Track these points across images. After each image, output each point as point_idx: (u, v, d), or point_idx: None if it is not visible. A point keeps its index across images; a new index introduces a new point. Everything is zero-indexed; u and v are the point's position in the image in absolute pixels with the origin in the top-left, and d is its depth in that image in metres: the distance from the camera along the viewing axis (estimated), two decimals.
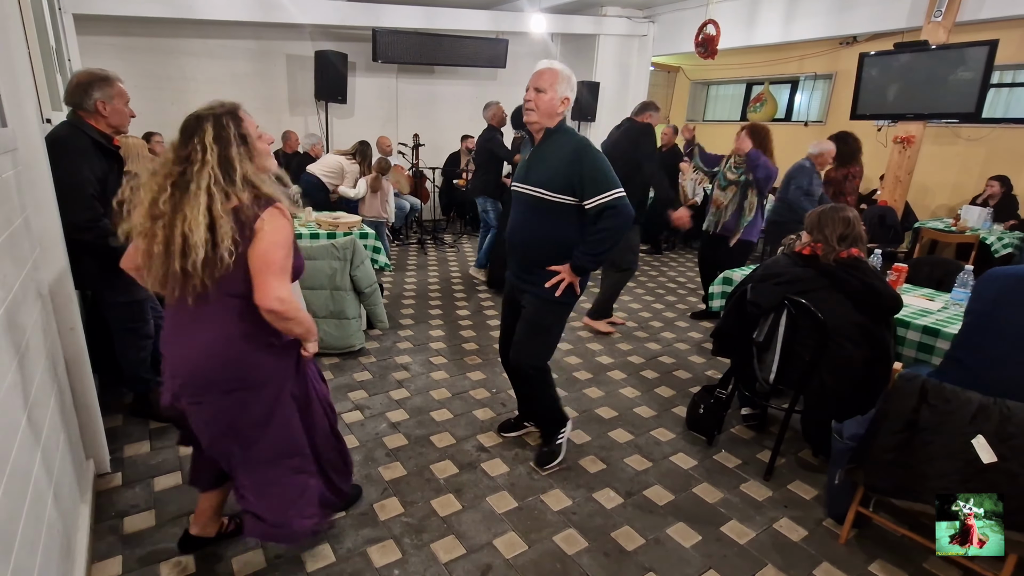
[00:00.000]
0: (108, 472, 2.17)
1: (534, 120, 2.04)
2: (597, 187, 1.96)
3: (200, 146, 1.34)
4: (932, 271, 3.05)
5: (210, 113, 1.38)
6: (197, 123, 1.37)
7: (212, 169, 1.33)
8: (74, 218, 1.96)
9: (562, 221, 2.06)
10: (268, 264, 1.36)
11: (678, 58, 8.70)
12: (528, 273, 2.15)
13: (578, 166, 1.97)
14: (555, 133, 2.07)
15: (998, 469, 1.52)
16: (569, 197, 2.01)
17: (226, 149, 1.36)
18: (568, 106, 2.06)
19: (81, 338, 2.00)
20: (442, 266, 5.58)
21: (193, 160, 1.34)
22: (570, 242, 2.07)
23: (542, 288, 2.11)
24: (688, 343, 3.83)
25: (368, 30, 6.49)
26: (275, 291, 1.36)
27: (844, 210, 2.23)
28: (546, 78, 2.00)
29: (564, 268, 2.08)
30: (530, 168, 2.10)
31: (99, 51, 5.78)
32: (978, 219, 5.01)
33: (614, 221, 1.97)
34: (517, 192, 2.16)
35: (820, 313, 2.07)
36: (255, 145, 1.44)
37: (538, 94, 2.00)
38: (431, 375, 3.18)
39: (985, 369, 1.71)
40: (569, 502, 2.16)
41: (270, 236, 1.36)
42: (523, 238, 2.14)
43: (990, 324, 1.74)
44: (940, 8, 4.76)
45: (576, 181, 1.98)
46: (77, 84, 2.06)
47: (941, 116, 4.99)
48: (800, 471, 2.40)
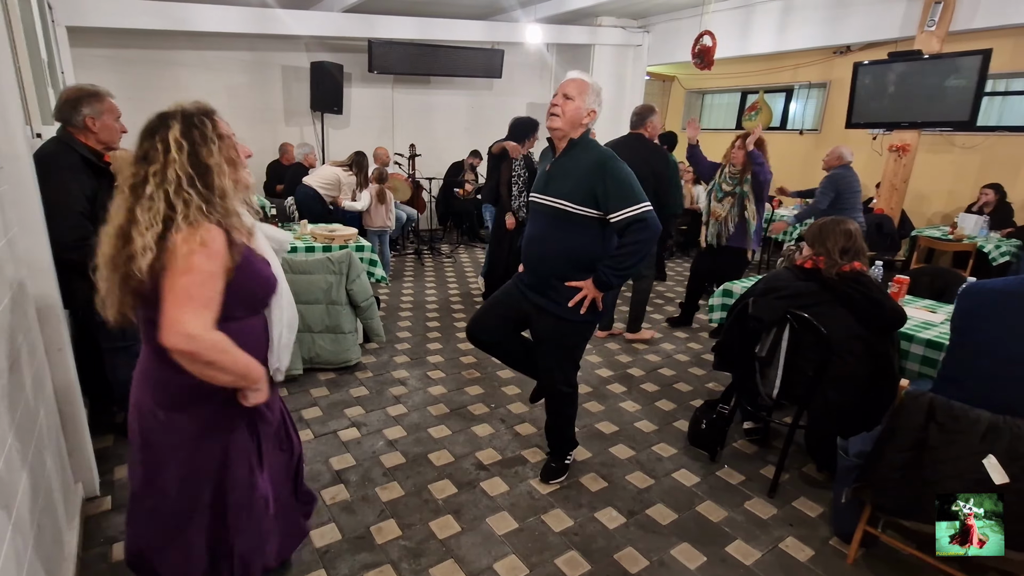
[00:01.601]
0: (97, 496, 2.12)
1: (558, 127, 1.99)
2: (623, 200, 1.91)
3: (162, 144, 1.15)
4: (932, 282, 3.04)
5: (178, 110, 1.20)
6: (160, 120, 1.18)
7: (180, 168, 1.14)
8: (62, 237, 1.92)
9: (584, 234, 2.00)
10: (173, 290, 1.12)
11: (673, 67, 8.74)
12: (547, 287, 2.08)
13: (602, 178, 1.93)
14: (578, 144, 2.02)
15: (1010, 490, 1.49)
16: (592, 210, 1.96)
17: (197, 148, 1.17)
18: (593, 119, 2.03)
19: (70, 358, 1.95)
20: (439, 277, 5.55)
21: (152, 159, 1.16)
22: (591, 256, 2.01)
23: (564, 308, 2.04)
24: (688, 355, 3.80)
25: (364, 41, 6.49)
26: (183, 326, 1.11)
27: (845, 223, 2.21)
28: (575, 86, 1.97)
29: (587, 284, 2.01)
30: (551, 179, 2.04)
31: (93, 63, 5.75)
32: (975, 227, 5.01)
33: (642, 235, 1.92)
34: (537, 203, 2.09)
35: (823, 327, 2.05)
36: (235, 149, 1.26)
37: (566, 100, 1.96)
38: (429, 390, 3.13)
39: (982, 388, 1.68)
40: (571, 522, 2.11)
41: (182, 260, 1.12)
42: (542, 251, 2.07)
43: (975, 341, 1.73)
44: (933, 18, 4.78)
45: (600, 193, 1.93)
46: (66, 100, 2.02)
47: (936, 124, 5.01)
48: (805, 487, 2.37)
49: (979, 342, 1.71)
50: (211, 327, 1.16)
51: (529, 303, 2.16)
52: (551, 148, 2.12)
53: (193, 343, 1.13)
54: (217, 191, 1.19)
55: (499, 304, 2.29)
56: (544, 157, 2.18)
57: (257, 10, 5.74)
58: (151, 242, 1.13)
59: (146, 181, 1.15)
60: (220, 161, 1.20)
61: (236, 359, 1.20)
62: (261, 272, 1.32)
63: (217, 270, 1.17)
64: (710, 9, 5.90)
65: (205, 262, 1.14)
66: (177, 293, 1.13)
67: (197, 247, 1.13)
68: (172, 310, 1.13)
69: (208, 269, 1.15)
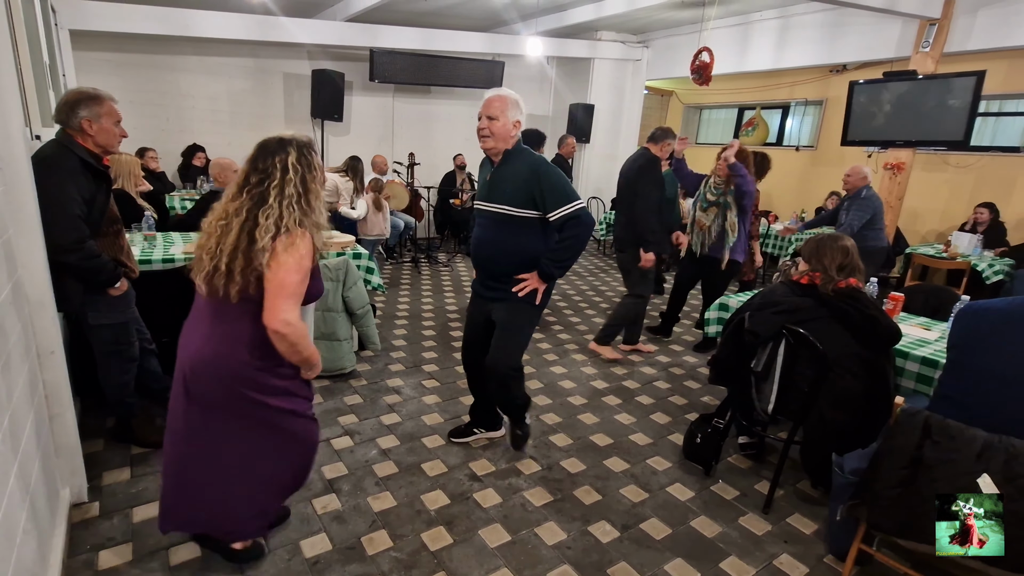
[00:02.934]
0: (85, 502, 2.08)
1: (491, 146, 2.19)
2: (558, 201, 2.13)
3: (280, 164, 1.49)
4: (927, 300, 3.05)
5: (293, 139, 1.53)
6: (280, 144, 1.51)
7: (295, 187, 1.48)
8: (59, 239, 1.90)
9: (526, 234, 2.21)
10: (282, 287, 1.45)
11: (671, 82, 8.83)
12: (497, 282, 2.28)
13: (537, 182, 2.13)
14: (513, 154, 2.21)
15: (1005, 510, 1.48)
16: (532, 211, 2.17)
17: (306, 174, 1.52)
18: (520, 128, 2.20)
19: (62, 362, 1.93)
20: (436, 286, 5.54)
21: (272, 175, 1.49)
22: (535, 252, 2.22)
23: (512, 294, 2.25)
24: (683, 367, 3.80)
25: (366, 50, 6.53)
26: (282, 313, 1.44)
27: (842, 239, 2.22)
28: (496, 106, 2.14)
29: (531, 275, 2.23)
30: (492, 187, 2.23)
31: (95, 67, 5.77)
32: (968, 245, 5.05)
33: (577, 230, 2.14)
34: (482, 209, 2.29)
35: (819, 343, 2.05)
36: (320, 179, 1.58)
37: (491, 121, 2.14)
38: (423, 399, 3.11)
39: (979, 408, 1.69)
40: (564, 535, 2.09)
41: (290, 257, 1.45)
42: (491, 252, 2.29)
43: (973, 361, 1.73)
44: (928, 39, 4.86)
45: (537, 196, 2.14)
46: (65, 102, 2.02)
47: (930, 143, 5.07)
48: (800, 504, 2.35)
49: (977, 362, 1.72)
50: (300, 317, 1.48)
51: (484, 301, 2.37)
52: (488, 159, 2.30)
53: (288, 328, 1.45)
54: (314, 210, 1.53)
55: (472, 318, 2.49)
56: (483, 167, 2.35)
57: (260, 17, 5.78)
58: (268, 243, 1.45)
59: (267, 193, 1.48)
60: (317, 187, 1.55)
61: (309, 344, 1.55)
62: (317, 276, 1.61)
63: (306, 271, 1.50)
64: (709, 26, 5.98)
65: (300, 263, 1.47)
66: (280, 286, 1.45)
67: (297, 251, 1.46)
68: (274, 300, 1.44)
69: (303, 268, 1.48)
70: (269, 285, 1.44)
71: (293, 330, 1.45)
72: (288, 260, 1.45)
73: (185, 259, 2.91)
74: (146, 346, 2.47)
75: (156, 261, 2.85)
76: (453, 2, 5.97)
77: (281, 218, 1.46)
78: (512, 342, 2.34)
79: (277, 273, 1.44)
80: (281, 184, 1.48)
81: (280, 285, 1.44)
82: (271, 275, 1.44)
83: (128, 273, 2.26)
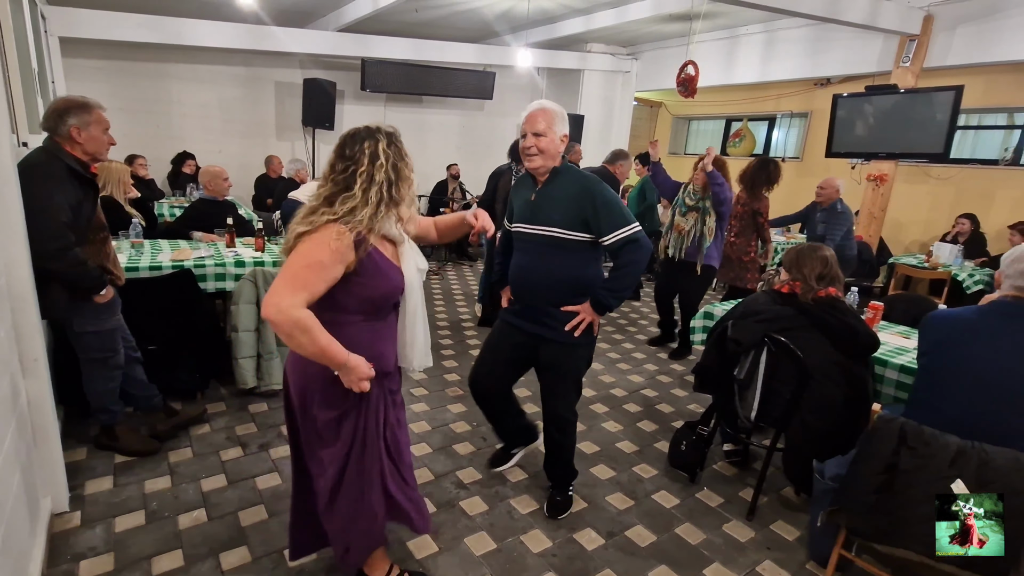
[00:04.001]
0: (66, 511, 2.06)
1: (539, 164, 1.99)
2: (614, 223, 1.94)
3: (371, 150, 1.38)
4: (907, 308, 3.11)
5: (380, 127, 1.44)
6: (368, 132, 1.42)
7: (385, 173, 1.38)
8: (44, 246, 1.90)
9: (576, 259, 2.01)
10: (286, 268, 1.34)
11: (660, 94, 8.96)
12: (543, 315, 2.06)
13: (591, 202, 1.94)
14: (560, 171, 2.03)
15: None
16: (584, 234, 1.98)
17: (400, 161, 1.42)
18: (567, 143, 2.04)
19: (44, 369, 1.92)
20: (426, 294, 5.54)
21: (359, 161, 1.38)
22: (586, 279, 2.03)
23: (563, 332, 2.04)
24: (670, 375, 3.83)
25: (358, 60, 6.57)
26: (277, 298, 1.29)
27: (821, 249, 2.27)
28: (542, 120, 1.95)
29: (584, 307, 2.02)
30: (538, 208, 2.03)
31: (85, 74, 5.77)
32: (949, 255, 5.15)
33: (635, 255, 1.95)
34: (524, 233, 2.07)
35: (800, 351, 2.09)
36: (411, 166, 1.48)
37: (538, 138, 1.95)
38: (411, 407, 3.11)
39: (952, 412, 1.73)
40: (549, 543, 2.10)
41: (304, 245, 1.34)
42: (537, 280, 2.05)
43: (943, 367, 1.78)
44: (908, 54, 4.99)
45: (591, 218, 1.95)
46: (53, 110, 2.03)
47: (911, 156, 5.18)
48: (782, 510, 2.38)
49: (947, 368, 1.77)
50: (300, 306, 1.30)
51: (525, 335, 2.13)
52: (530, 178, 2.11)
53: (280, 316, 1.28)
54: (399, 197, 1.43)
55: (498, 348, 2.25)
56: (521, 187, 2.16)
57: (252, 27, 5.81)
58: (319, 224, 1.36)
59: (352, 179, 1.38)
60: (408, 174, 1.45)
61: (315, 339, 1.32)
62: (391, 279, 1.46)
63: (324, 265, 1.33)
64: (696, 39, 6.08)
65: (312, 249, 1.33)
66: (286, 268, 1.33)
67: (321, 241, 1.33)
68: (278, 284, 1.31)
69: (318, 261, 1.32)
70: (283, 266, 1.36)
71: (284, 319, 1.28)
72: (303, 246, 1.35)
73: (172, 266, 2.91)
74: (131, 354, 2.45)
75: (143, 268, 2.84)
76: (444, 13, 6.03)
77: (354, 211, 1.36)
78: (571, 388, 2.16)
79: (291, 256, 1.35)
80: (369, 171, 1.38)
81: (285, 266, 1.34)
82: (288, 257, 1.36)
83: (114, 280, 2.26)
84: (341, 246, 1.33)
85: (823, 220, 4.35)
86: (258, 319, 2.97)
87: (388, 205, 1.40)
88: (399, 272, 1.48)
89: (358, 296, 1.42)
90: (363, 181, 1.37)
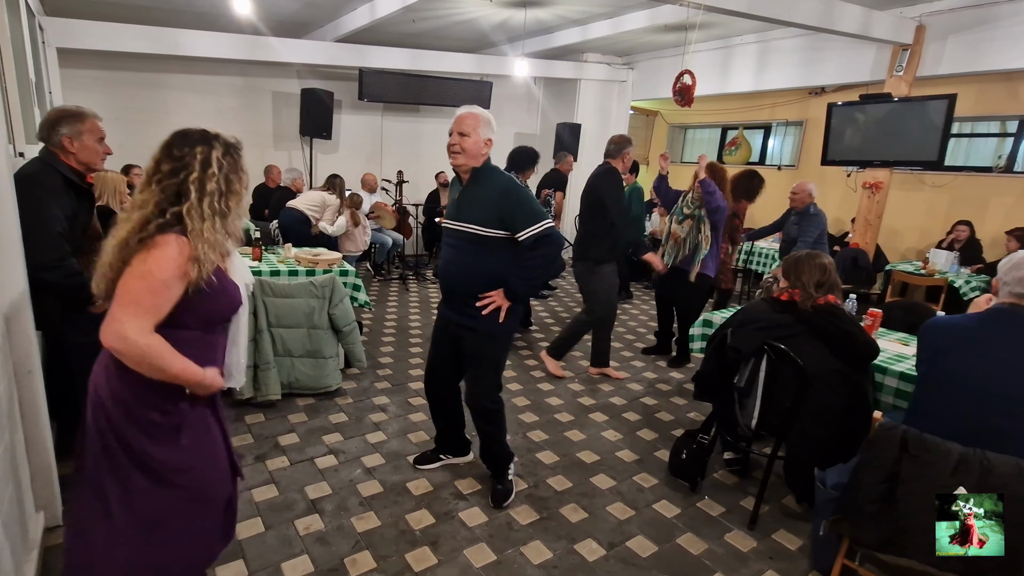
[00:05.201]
0: (60, 525, 2.03)
1: (462, 162, 2.16)
2: (528, 220, 2.11)
3: (203, 156, 1.27)
4: (906, 316, 3.11)
5: (219, 135, 1.33)
6: (204, 136, 1.30)
7: (217, 183, 1.27)
8: (39, 257, 1.89)
9: (495, 254, 2.18)
10: (124, 289, 1.19)
11: (656, 103, 9.02)
12: (467, 307, 2.22)
13: (507, 202, 2.12)
14: (482, 172, 2.18)
15: None
16: (501, 231, 2.14)
17: (230, 173, 1.31)
18: (490, 147, 2.19)
19: (39, 382, 1.90)
20: (423, 302, 5.53)
21: (190, 166, 1.26)
22: (504, 273, 2.19)
23: (484, 322, 2.19)
24: (670, 383, 3.81)
25: (355, 70, 6.60)
26: (119, 325, 1.16)
27: (820, 257, 2.27)
28: (468, 122, 2.12)
29: (496, 293, 2.18)
30: (461, 206, 2.21)
31: (82, 84, 5.77)
32: (945, 262, 5.17)
33: (547, 249, 2.15)
34: (450, 229, 2.25)
35: (799, 359, 2.08)
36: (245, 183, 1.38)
37: (462, 138, 2.12)
38: (409, 417, 3.09)
39: (954, 419, 1.72)
40: (550, 554, 2.08)
41: (142, 263, 1.19)
42: (459, 272, 2.23)
43: (943, 375, 1.78)
44: (901, 64, 5.03)
45: (507, 216, 2.12)
46: (46, 120, 2.03)
47: (906, 163, 5.21)
48: (784, 519, 2.36)
49: (947, 376, 1.76)
50: (147, 331, 1.20)
51: (454, 327, 2.30)
52: (457, 178, 2.28)
53: (124, 345, 1.18)
54: (231, 213, 1.31)
55: (437, 341, 2.42)
56: (452, 186, 2.34)
57: (250, 37, 5.83)
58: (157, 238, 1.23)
59: (185, 186, 1.25)
60: (240, 189, 1.34)
61: (170, 365, 1.22)
62: (229, 294, 1.36)
63: (166, 282, 1.21)
64: (691, 49, 6.14)
65: (150, 268, 1.20)
66: (123, 293, 1.20)
67: (150, 255, 1.20)
68: (115, 310, 1.19)
69: (153, 276, 1.20)
70: (118, 289, 1.21)
71: (132, 348, 1.17)
72: (139, 265, 1.20)
73: None
74: None
75: None
76: (442, 24, 6.07)
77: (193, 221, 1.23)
78: (487, 374, 2.30)
79: (126, 276, 1.20)
80: (201, 178, 1.26)
81: (122, 287, 1.20)
82: (122, 277, 1.21)
83: None
84: (183, 261, 1.21)
85: (796, 223, 4.40)
86: (255, 328, 2.96)
87: (221, 217, 1.28)
88: (236, 287, 1.39)
89: (197, 312, 1.29)
90: (196, 189, 1.25)
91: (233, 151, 1.33)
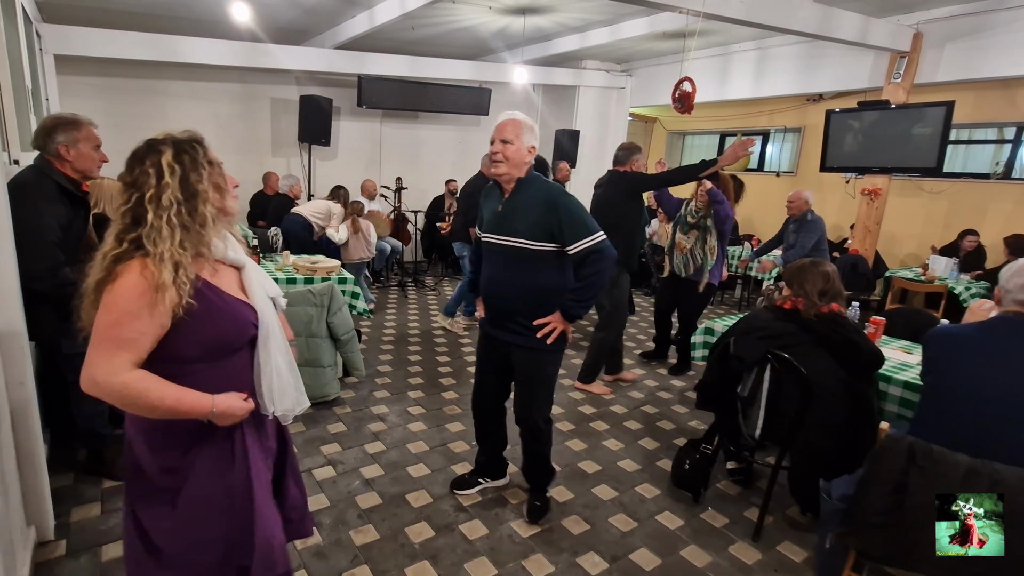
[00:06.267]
0: (51, 540, 1.99)
1: (504, 172, 2.03)
2: (577, 232, 1.97)
3: (154, 168, 1.11)
4: (908, 323, 3.09)
5: (168, 137, 1.16)
6: (149, 146, 1.14)
7: (172, 194, 1.11)
8: (32, 266, 1.86)
9: (544, 269, 2.05)
10: (93, 330, 1.09)
11: (655, 109, 9.04)
12: (515, 324, 2.10)
13: (555, 213, 1.98)
14: (526, 182, 2.06)
15: None
16: (549, 244, 2.01)
17: (188, 173, 1.13)
18: (534, 154, 2.07)
19: (31, 393, 1.87)
20: (422, 310, 5.50)
21: (144, 186, 1.11)
22: (553, 288, 2.06)
23: (536, 340, 2.07)
24: (671, 391, 3.79)
25: (354, 77, 6.60)
26: (91, 370, 1.07)
27: (823, 265, 2.25)
28: (511, 129, 2.00)
29: (555, 316, 2.05)
30: (504, 219, 2.06)
31: (80, 91, 5.75)
32: (945, 269, 5.16)
33: (599, 265, 1.98)
34: (492, 243, 2.11)
35: (803, 368, 2.06)
36: (223, 177, 1.22)
37: (505, 145, 2.00)
38: (408, 426, 3.06)
39: (961, 429, 1.70)
40: (552, 568, 2.04)
41: (107, 297, 1.08)
42: (505, 289, 2.10)
43: (946, 386, 1.76)
44: (899, 71, 5.05)
45: (555, 228, 1.98)
46: (41, 128, 2.01)
47: (904, 170, 5.22)
48: (789, 531, 2.33)
49: (953, 386, 1.74)
50: (122, 370, 1.08)
51: (500, 344, 2.18)
52: (497, 188, 2.14)
53: (96, 389, 1.08)
54: (199, 219, 1.14)
55: (483, 360, 2.31)
56: (490, 197, 2.18)
57: (249, 44, 5.83)
58: None
59: (143, 210, 1.11)
60: (208, 188, 1.17)
61: (160, 399, 1.10)
62: (229, 315, 1.19)
63: (132, 312, 1.07)
64: (689, 56, 6.15)
65: (116, 300, 1.08)
66: (94, 333, 1.09)
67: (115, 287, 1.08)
68: (89, 353, 1.08)
69: (119, 307, 1.07)
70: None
71: (107, 391, 1.07)
72: (105, 300, 1.09)
73: None
74: None
75: None
76: (441, 31, 6.07)
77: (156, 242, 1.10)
78: (541, 393, 2.19)
79: (96, 315, 1.09)
80: (158, 193, 1.11)
81: (94, 330, 1.09)
82: None
83: None
84: (146, 288, 1.07)
85: (795, 230, 4.42)
86: None
87: (190, 229, 1.13)
88: (244, 304, 1.23)
89: (198, 341, 1.15)
90: (152, 209, 1.10)
91: (187, 148, 1.16)
